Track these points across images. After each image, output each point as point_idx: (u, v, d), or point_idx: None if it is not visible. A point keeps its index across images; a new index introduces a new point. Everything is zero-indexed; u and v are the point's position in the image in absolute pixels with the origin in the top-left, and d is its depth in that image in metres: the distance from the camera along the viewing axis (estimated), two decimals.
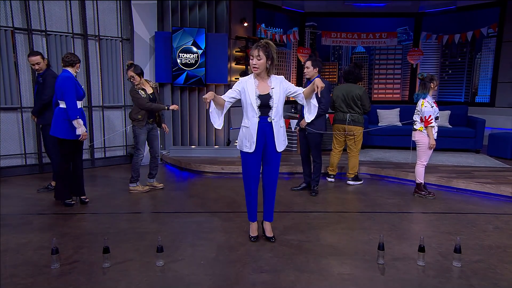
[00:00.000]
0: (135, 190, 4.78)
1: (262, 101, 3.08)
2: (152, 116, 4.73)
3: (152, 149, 4.90)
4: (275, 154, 3.21)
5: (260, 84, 3.11)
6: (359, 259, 3.00)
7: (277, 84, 3.11)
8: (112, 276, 2.69)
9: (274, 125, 3.13)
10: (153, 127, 4.81)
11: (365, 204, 4.46)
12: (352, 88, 5.06)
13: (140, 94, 4.56)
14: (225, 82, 6.69)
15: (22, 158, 5.63)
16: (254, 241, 3.31)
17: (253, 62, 3.04)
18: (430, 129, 4.43)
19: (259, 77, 3.12)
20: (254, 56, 3.02)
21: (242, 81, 3.15)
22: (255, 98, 3.07)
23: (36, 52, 4.46)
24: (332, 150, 5.36)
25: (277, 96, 3.09)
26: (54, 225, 3.69)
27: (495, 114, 7.96)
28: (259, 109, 3.08)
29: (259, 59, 3.02)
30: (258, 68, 3.04)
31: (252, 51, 3.04)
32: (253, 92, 3.07)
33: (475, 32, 8.36)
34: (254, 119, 3.10)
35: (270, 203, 3.32)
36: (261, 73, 3.08)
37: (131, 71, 4.52)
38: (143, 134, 4.70)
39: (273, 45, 3.08)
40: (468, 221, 3.89)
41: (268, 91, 3.09)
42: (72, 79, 3.95)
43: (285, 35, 9.01)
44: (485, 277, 2.72)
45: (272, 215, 3.36)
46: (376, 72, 10.02)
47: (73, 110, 3.91)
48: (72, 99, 3.90)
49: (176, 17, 6.40)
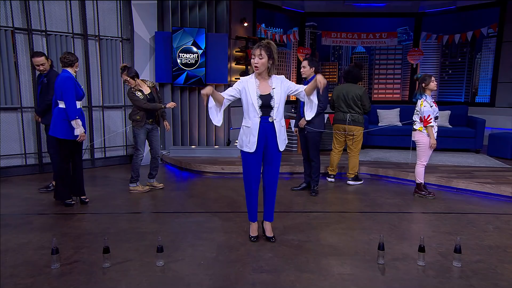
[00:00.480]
0: (135, 190, 4.79)
1: (263, 101, 3.08)
2: (151, 116, 4.73)
3: (153, 149, 4.90)
4: (276, 153, 3.22)
5: (261, 84, 3.10)
6: (359, 259, 3.00)
7: (278, 84, 3.11)
8: (112, 276, 2.69)
9: (276, 125, 3.14)
10: (153, 127, 4.81)
11: (365, 204, 4.46)
12: (352, 88, 5.06)
13: (137, 95, 4.56)
14: (225, 82, 6.69)
15: (22, 158, 5.63)
16: (254, 241, 3.31)
17: (255, 61, 3.03)
18: (430, 128, 4.43)
19: (260, 77, 3.12)
20: (256, 55, 3.02)
21: (243, 81, 3.15)
22: (257, 98, 3.07)
23: (40, 53, 4.44)
24: (332, 150, 5.36)
25: (278, 96, 3.09)
26: (54, 225, 3.69)
27: (495, 114, 7.96)
28: (260, 109, 3.09)
29: (260, 58, 3.02)
30: (259, 67, 3.04)
31: (254, 50, 3.04)
32: (254, 92, 3.07)
33: (475, 32, 8.36)
34: (256, 119, 3.11)
35: (270, 203, 3.32)
36: (262, 72, 3.08)
37: (124, 74, 4.53)
38: (142, 134, 4.70)
39: (274, 45, 3.08)
40: (468, 221, 3.89)
41: (269, 91, 3.09)
42: (72, 79, 3.96)
43: (285, 35, 9.01)
44: (485, 277, 2.72)
45: (272, 215, 3.36)
46: (376, 72, 10.02)
47: (72, 110, 3.91)
48: (71, 100, 3.90)
49: (176, 17, 6.40)
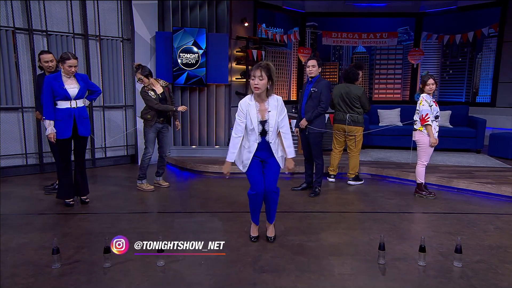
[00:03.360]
0: (140, 188, 4.85)
1: (263, 126, 3.12)
2: (162, 115, 4.76)
3: (161, 148, 4.94)
4: (274, 165, 3.23)
5: (260, 108, 3.12)
6: (360, 259, 3.00)
7: (274, 108, 3.12)
8: (113, 276, 2.70)
9: (272, 146, 3.16)
10: (164, 126, 4.84)
11: (366, 204, 4.46)
12: (351, 88, 5.06)
13: (149, 95, 4.59)
14: (225, 82, 6.69)
15: (23, 158, 5.63)
16: (254, 241, 3.32)
17: (255, 82, 3.02)
18: (429, 127, 4.43)
19: (259, 99, 3.12)
20: (256, 76, 3.01)
21: (244, 104, 3.13)
22: (257, 124, 3.10)
23: (48, 51, 4.56)
24: (332, 150, 5.36)
25: (273, 120, 3.11)
26: (55, 225, 3.70)
27: (496, 114, 7.95)
28: (260, 134, 3.13)
29: (261, 79, 3.01)
30: (259, 88, 3.03)
31: (254, 71, 3.04)
32: (255, 118, 3.10)
33: (476, 32, 8.35)
34: (255, 144, 3.14)
35: (271, 209, 3.28)
36: (261, 93, 3.08)
37: (138, 73, 4.58)
38: (152, 133, 4.73)
39: (273, 67, 3.09)
40: (469, 221, 3.89)
41: (265, 117, 3.11)
42: (50, 80, 3.90)
43: (286, 35, 9.00)
44: (486, 277, 2.72)
45: (273, 218, 3.35)
46: (377, 72, 10.01)
47: (44, 110, 3.93)
48: (45, 100, 3.90)
49: (176, 17, 6.40)
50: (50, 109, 3.92)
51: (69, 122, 3.98)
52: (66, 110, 3.97)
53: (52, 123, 3.94)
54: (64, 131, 3.98)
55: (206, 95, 6.69)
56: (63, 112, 3.96)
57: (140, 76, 4.58)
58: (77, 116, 4.02)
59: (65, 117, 3.96)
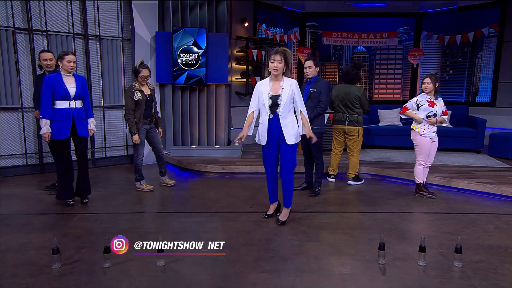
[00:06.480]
0: (140, 189, 4.85)
1: (273, 101, 3.48)
2: (147, 116, 4.75)
3: (154, 148, 4.92)
4: (285, 146, 3.55)
5: (273, 86, 3.50)
6: (360, 259, 3.00)
7: (288, 85, 3.49)
8: (113, 276, 2.70)
9: (282, 120, 3.49)
10: (151, 126, 4.83)
11: (366, 204, 4.46)
12: (351, 88, 5.05)
13: (135, 96, 4.55)
14: (225, 82, 6.69)
15: (23, 158, 5.63)
16: (265, 217, 3.82)
17: (274, 65, 3.42)
18: (408, 112, 4.57)
19: (275, 79, 3.51)
20: (276, 60, 3.41)
21: (259, 84, 3.55)
22: (268, 99, 3.49)
23: (49, 50, 4.64)
24: (332, 151, 5.35)
25: (285, 95, 3.46)
26: (55, 225, 3.70)
27: (496, 114, 7.95)
28: (270, 108, 3.49)
29: (280, 63, 3.42)
30: (278, 70, 3.43)
31: (274, 55, 3.42)
32: (266, 93, 3.50)
33: (476, 32, 8.34)
34: (266, 117, 3.52)
35: (286, 190, 3.64)
36: (278, 75, 3.48)
37: (146, 70, 4.62)
38: (141, 134, 4.71)
39: (289, 52, 3.51)
40: (469, 221, 3.89)
41: (279, 92, 3.48)
42: (49, 80, 3.90)
43: (286, 35, 8.99)
44: (486, 277, 2.72)
45: (289, 202, 3.68)
46: (377, 72, 10.02)
47: (42, 109, 3.92)
48: (43, 99, 3.90)
49: (176, 17, 6.40)
50: (48, 108, 3.91)
51: (67, 123, 3.97)
52: (64, 111, 3.96)
53: (48, 123, 3.92)
54: (62, 131, 3.96)
55: (206, 95, 6.69)
56: (62, 112, 3.95)
57: (148, 73, 4.62)
58: (75, 116, 4.02)
59: (64, 117, 3.95)
